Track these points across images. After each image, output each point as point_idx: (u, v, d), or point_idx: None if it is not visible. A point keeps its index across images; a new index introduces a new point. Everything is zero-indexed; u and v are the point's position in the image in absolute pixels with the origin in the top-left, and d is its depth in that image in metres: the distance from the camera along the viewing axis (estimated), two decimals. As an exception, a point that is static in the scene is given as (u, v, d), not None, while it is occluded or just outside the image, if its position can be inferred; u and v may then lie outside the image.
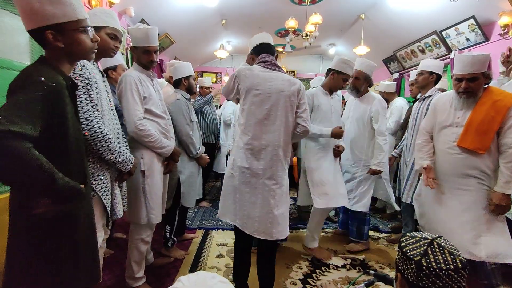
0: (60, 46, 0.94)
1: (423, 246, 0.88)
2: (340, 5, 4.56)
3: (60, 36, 0.93)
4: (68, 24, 0.94)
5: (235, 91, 1.70)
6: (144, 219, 1.75)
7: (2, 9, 1.76)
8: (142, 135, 1.68)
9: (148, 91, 1.75)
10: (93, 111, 1.23)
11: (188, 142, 2.26)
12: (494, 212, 1.63)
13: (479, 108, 1.66)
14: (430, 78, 2.37)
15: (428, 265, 0.83)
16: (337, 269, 2.23)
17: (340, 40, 6.18)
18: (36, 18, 0.90)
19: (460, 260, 0.83)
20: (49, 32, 0.91)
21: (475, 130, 1.64)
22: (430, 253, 0.85)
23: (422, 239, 0.91)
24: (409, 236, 0.95)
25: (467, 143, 1.66)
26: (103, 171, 1.30)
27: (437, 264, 0.82)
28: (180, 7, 4.17)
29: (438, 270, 0.82)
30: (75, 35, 0.96)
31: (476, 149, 1.64)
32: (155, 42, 1.78)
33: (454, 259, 0.83)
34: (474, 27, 3.64)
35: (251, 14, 4.86)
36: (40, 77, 0.86)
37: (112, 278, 2.00)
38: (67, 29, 0.94)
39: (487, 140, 1.62)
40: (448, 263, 0.82)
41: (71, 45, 0.96)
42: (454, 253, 0.85)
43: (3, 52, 1.78)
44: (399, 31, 4.68)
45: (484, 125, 1.63)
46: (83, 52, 1.01)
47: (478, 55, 1.62)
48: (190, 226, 2.96)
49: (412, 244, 0.91)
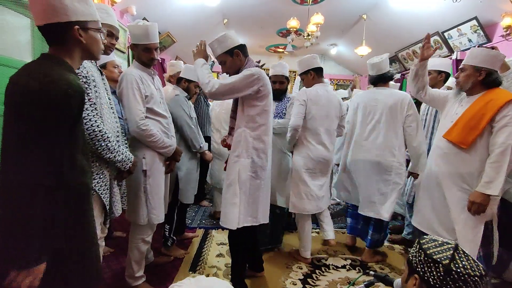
0: (82, 42, 0.98)
1: (450, 250, 0.88)
2: (342, 5, 4.55)
3: (83, 32, 0.98)
4: (91, 23, 1.00)
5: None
6: (144, 219, 1.74)
7: (3, 7, 1.76)
8: (144, 134, 1.66)
9: (149, 89, 1.73)
10: (92, 110, 1.22)
11: (192, 136, 2.27)
12: (470, 210, 1.63)
13: (474, 105, 1.67)
14: (439, 77, 2.33)
15: (457, 270, 0.83)
16: (337, 270, 2.22)
17: (342, 40, 6.17)
18: (64, 13, 0.92)
19: (482, 267, 0.84)
20: (77, 27, 0.95)
21: (463, 125, 1.66)
22: (457, 258, 0.85)
23: (445, 244, 0.91)
24: (429, 239, 0.95)
25: (451, 136, 1.68)
26: (102, 170, 1.30)
27: (466, 269, 0.83)
28: (182, 6, 4.18)
29: (467, 276, 0.82)
30: (94, 34, 1.02)
31: (459, 143, 1.65)
32: (156, 39, 1.74)
33: (478, 266, 0.84)
34: (476, 28, 3.63)
35: (253, 13, 4.86)
36: (67, 87, 0.86)
37: (111, 277, 2.01)
38: (89, 28, 1.00)
39: (471, 136, 1.62)
40: (475, 270, 0.83)
41: (90, 43, 1.01)
42: (476, 261, 0.86)
43: (4, 50, 1.79)
44: (401, 32, 4.67)
45: (473, 121, 1.63)
46: (98, 51, 1.06)
47: (481, 49, 1.69)
48: (190, 225, 2.96)
49: (436, 247, 0.90)
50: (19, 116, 0.84)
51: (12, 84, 0.85)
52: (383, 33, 4.90)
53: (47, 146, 0.85)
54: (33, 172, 0.82)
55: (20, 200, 0.80)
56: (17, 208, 0.81)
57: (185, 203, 2.38)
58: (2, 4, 1.76)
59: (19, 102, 0.83)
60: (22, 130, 0.83)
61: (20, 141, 0.83)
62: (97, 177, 1.28)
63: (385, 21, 4.61)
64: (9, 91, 0.85)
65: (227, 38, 1.74)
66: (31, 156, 0.82)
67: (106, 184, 1.32)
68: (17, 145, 0.83)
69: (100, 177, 1.29)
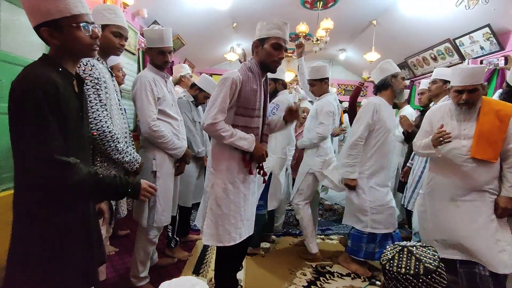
0: (57, 44, 0.91)
1: (394, 252, 0.96)
2: (351, 11, 4.53)
3: (56, 33, 0.90)
4: (62, 20, 0.89)
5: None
6: (152, 220, 1.75)
7: (17, 7, 1.80)
8: (155, 136, 1.69)
9: (162, 92, 1.77)
10: (102, 111, 1.24)
11: (191, 140, 2.28)
12: (501, 216, 1.65)
13: (484, 118, 1.69)
14: (444, 86, 2.32)
15: (390, 268, 0.91)
16: (341, 278, 2.19)
17: (351, 46, 6.14)
18: (35, 16, 0.88)
19: (424, 267, 0.88)
20: (44, 29, 0.88)
21: (486, 141, 1.66)
22: (397, 258, 0.93)
23: (398, 246, 0.99)
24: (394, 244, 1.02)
25: (481, 154, 1.67)
26: (110, 170, 1.31)
27: (398, 268, 0.90)
28: (192, 9, 4.22)
29: (397, 274, 0.89)
30: (71, 32, 0.91)
31: (490, 159, 1.66)
32: (170, 43, 1.80)
33: (418, 265, 0.89)
34: (489, 35, 3.57)
35: (262, 18, 4.82)
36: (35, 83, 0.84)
37: (116, 277, 2.01)
38: (63, 26, 0.90)
39: (497, 149, 1.66)
40: (409, 269, 0.88)
41: (67, 42, 0.92)
42: (421, 260, 0.90)
43: (17, 49, 1.83)
44: (411, 38, 4.62)
45: (493, 135, 1.66)
46: (81, 49, 0.95)
47: (477, 67, 1.69)
48: (194, 227, 2.95)
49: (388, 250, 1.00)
50: (9, 113, 0.86)
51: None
52: (392, 39, 4.86)
53: (35, 139, 0.83)
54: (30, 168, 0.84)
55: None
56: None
57: (183, 206, 2.39)
58: (15, 4, 1.80)
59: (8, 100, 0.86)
60: (11, 126, 0.86)
61: (15, 136, 0.86)
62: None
63: (395, 27, 4.57)
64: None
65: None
66: (25, 150, 0.84)
67: (113, 184, 1.33)
68: (13, 140, 0.87)
69: (107, 177, 1.30)
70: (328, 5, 4.36)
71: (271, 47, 1.52)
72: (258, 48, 1.57)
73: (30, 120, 0.82)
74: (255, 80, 1.55)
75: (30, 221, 0.90)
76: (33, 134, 0.82)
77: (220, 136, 1.45)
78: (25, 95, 0.82)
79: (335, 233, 3.09)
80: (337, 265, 2.36)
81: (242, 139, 1.49)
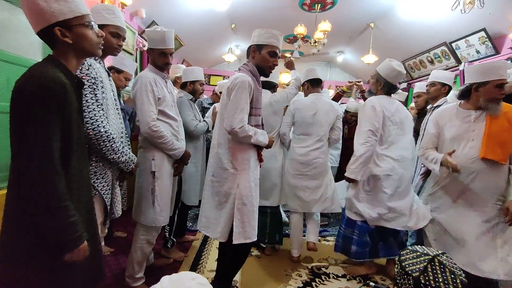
0: (69, 42, 0.94)
1: (423, 262, 0.85)
2: (349, 14, 4.56)
3: (67, 32, 0.93)
4: (74, 19, 0.94)
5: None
6: (151, 221, 1.76)
7: (17, 7, 1.80)
8: (155, 136, 1.70)
9: (162, 92, 1.78)
10: (98, 111, 1.24)
11: (199, 134, 2.34)
12: (510, 221, 1.62)
13: (493, 119, 1.67)
14: (443, 89, 2.33)
15: (426, 282, 0.80)
16: (337, 279, 2.20)
17: (349, 48, 6.18)
18: (44, 17, 0.90)
19: (460, 280, 0.80)
20: (58, 28, 0.91)
21: (496, 141, 1.65)
22: (430, 270, 0.83)
23: (423, 255, 0.88)
24: (410, 250, 0.92)
25: (491, 155, 1.64)
26: (105, 170, 1.31)
27: (436, 283, 0.80)
28: (191, 10, 4.22)
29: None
30: (81, 30, 0.96)
31: (500, 160, 1.64)
32: (171, 45, 1.82)
33: (454, 278, 0.80)
34: (484, 39, 3.61)
35: (261, 19, 4.89)
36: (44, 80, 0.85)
37: (111, 277, 2.00)
38: (74, 25, 0.94)
39: (507, 150, 1.65)
40: (448, 283, 0.79)
41: (79, 41, 0.96)
42: (455, 272, 0.82)
43: (18, 49, 1.83)
44: (408, 41, 4.66)
45: (503, 136, 1.65)
46: (91, 47, 1.00)
47: (504, 61, 1.72)
48: (191, 228, 2.95)
49: (412, 259, 0.89)
50: (11, 113, 0.86)
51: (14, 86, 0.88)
52: (390, 42, 4.90)
53: (38, 139, 0.84)
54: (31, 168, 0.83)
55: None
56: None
57: (188, 204, 2.39)
58: (15, 4, 1.80)
59: (11, 100, 0.86)
60: (13, 126, 0.86)
61: (15, 136, 0.86)
62: (100, 178, 1.29)
63: (392, 30, 4.61)
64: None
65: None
66: (27, 148, 0.84)
67: (108, 184, 1.33)
68: (13, 138, 0.87)
69: (103, 177, 1.30)
70: (326, 8, 4.38)
71: (268, 54, 1.63)
72: (255, 53, 1.67)
73: (35, 121, 0.83)
74: (257, 81, 1.65)
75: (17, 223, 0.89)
76: (38, 135, 0.83)
77: (248, 136, 1.53)
78: (34, 95, 0.83)
79: (331, 235, 3.09)
80: (332, 266, 2.37)
81: (261, 135, 1.62)
